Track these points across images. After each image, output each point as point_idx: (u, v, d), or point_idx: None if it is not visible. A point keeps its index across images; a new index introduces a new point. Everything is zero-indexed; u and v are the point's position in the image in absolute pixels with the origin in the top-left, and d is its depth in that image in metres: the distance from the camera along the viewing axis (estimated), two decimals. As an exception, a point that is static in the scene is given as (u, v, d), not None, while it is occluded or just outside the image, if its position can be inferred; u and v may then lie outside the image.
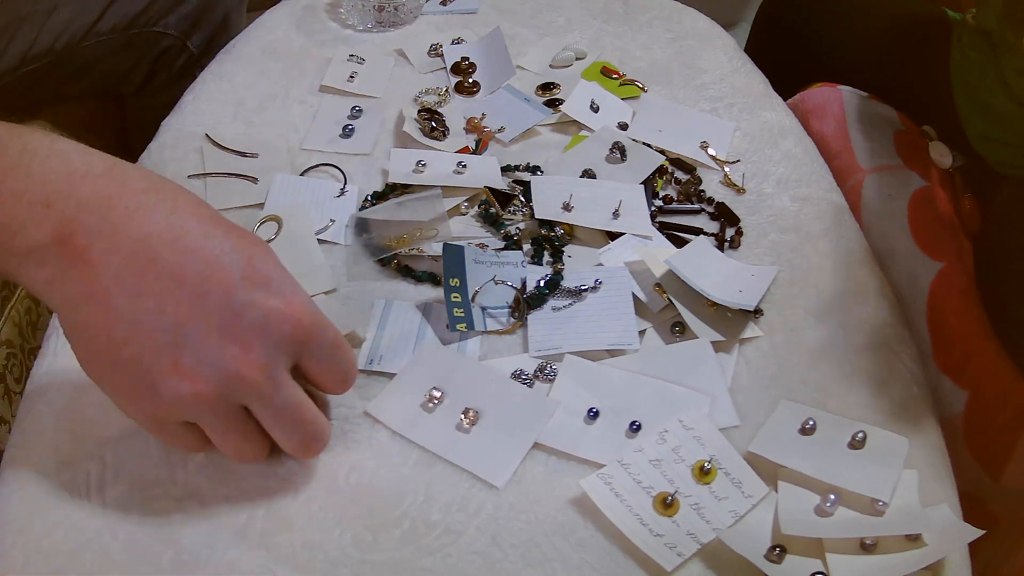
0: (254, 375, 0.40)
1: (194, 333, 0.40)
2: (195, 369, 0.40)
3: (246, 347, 0.40)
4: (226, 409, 0.41)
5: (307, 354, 0.43)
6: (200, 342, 0.40)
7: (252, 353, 0.40)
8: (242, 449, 0.44)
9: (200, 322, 0.40)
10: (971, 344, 0.58)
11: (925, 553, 0.44)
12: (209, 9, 0.93)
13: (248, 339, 0.40)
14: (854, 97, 0.74)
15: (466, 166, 0.65)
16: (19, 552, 0.44)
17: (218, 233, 0.41)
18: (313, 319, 0.42)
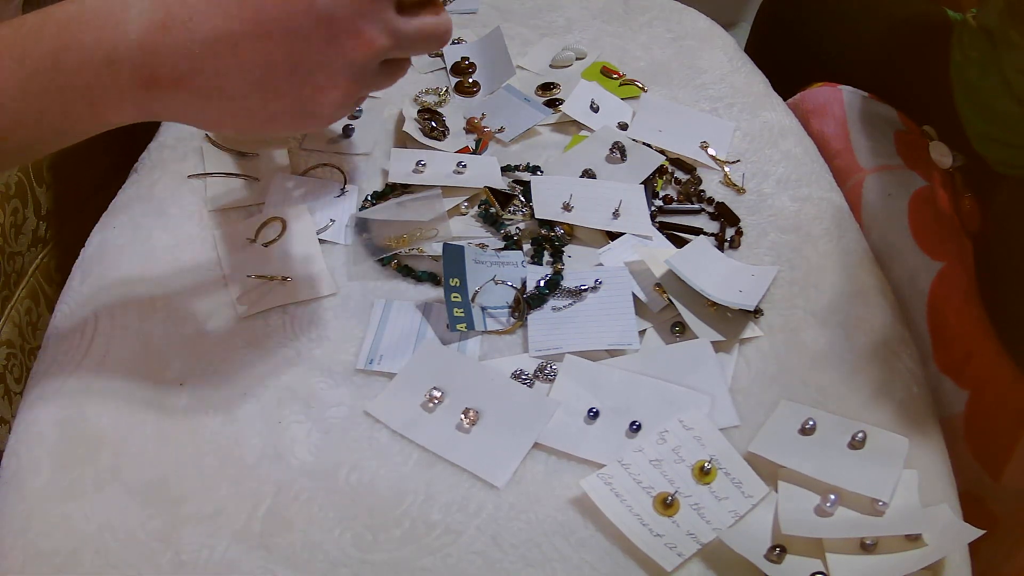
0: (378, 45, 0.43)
1: (310, 60, 0.42)
2: (335, 77, 0.43)
3: (357, 34, 0.43)
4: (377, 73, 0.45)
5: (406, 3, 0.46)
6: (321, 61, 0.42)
7: (365, 34, 0.43)
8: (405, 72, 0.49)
9: (307, 51, 0.42)
10: (971, 344, 0.58)
11: (925, 553, 0.44)
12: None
13: (354, 27, 0.43)
14: (854, 97, 0.74)
15: (466, 166, 0.65)
16: (19, 552, 0.44)
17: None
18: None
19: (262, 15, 0.41)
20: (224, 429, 0.50)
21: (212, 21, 0.41)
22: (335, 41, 0.42)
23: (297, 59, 0.42)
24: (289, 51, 0.42)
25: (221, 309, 0.56)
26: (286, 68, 0.42)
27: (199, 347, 0.54)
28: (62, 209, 0.66)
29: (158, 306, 0.56)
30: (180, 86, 0.41)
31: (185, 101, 0.42)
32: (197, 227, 0.61)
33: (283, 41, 0.41)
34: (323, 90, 0.43)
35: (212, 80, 0.41)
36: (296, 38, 0.42)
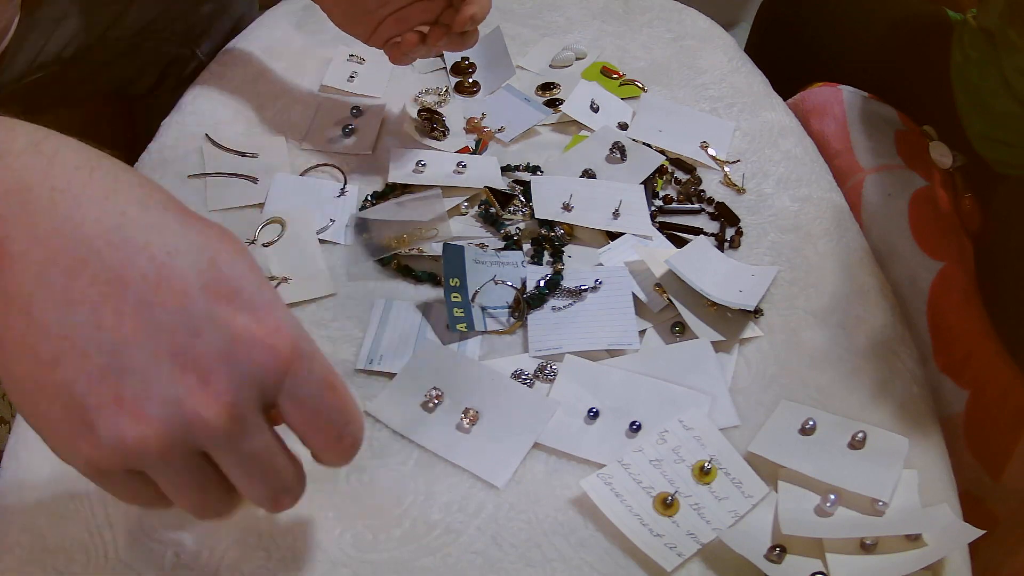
0: (215, 416, 0.31)
1: (139, 356, 0.30)
2: (140, 404, 0.30)
3: (204, 379, 0.31)
4: (181, 457, 0.32)
5: (286, 394, 0.33)
6: (147, 368, 0.30)
7: (212, 387, 0.31)
8: (203, 505, 0.34)
9: (147, 341, 0.30)
10: (971, 344, 0.58)
11: (925, 553, 0.44)
12: (219, 18, 0.93)
13: (208, 368, 0.31)
14: (854, 97, 0.74)
15: (466, 166, 0.65)
16: (19, 552, 0.44)
17: (172, 225, 0.32)
18: (294, 345, 0.33)
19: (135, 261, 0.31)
20: (224, 429, 0.50)
21: (82, 213, 0.31)
22: (178, 363, 0.31)
23: (128, 343, 0.30)
24: (128, 329, 0.30)
25: (221, 309, 0.56)
26: (111, 343, 0.30)
27: (199, 347, 0.53)
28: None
29: (158, 306, 0.56)
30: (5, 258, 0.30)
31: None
32: (197, 227, 0.61)
33: (132, 312, 0.30)
34: (119, 405, 0.30)
35: (29, 285, 0.30)
36: (147, 320, 0.31)
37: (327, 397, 0.34)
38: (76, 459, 0.32)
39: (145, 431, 0.30)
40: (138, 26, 0.87)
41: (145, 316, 0.30)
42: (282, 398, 0.33)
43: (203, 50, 0.92)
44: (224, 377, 0.31)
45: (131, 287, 0.31)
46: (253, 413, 0.32)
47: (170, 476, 0.33)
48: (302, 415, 0.34)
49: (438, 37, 0.62)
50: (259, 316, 0.32)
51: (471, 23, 0.61)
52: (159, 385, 0.30)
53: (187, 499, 0.34)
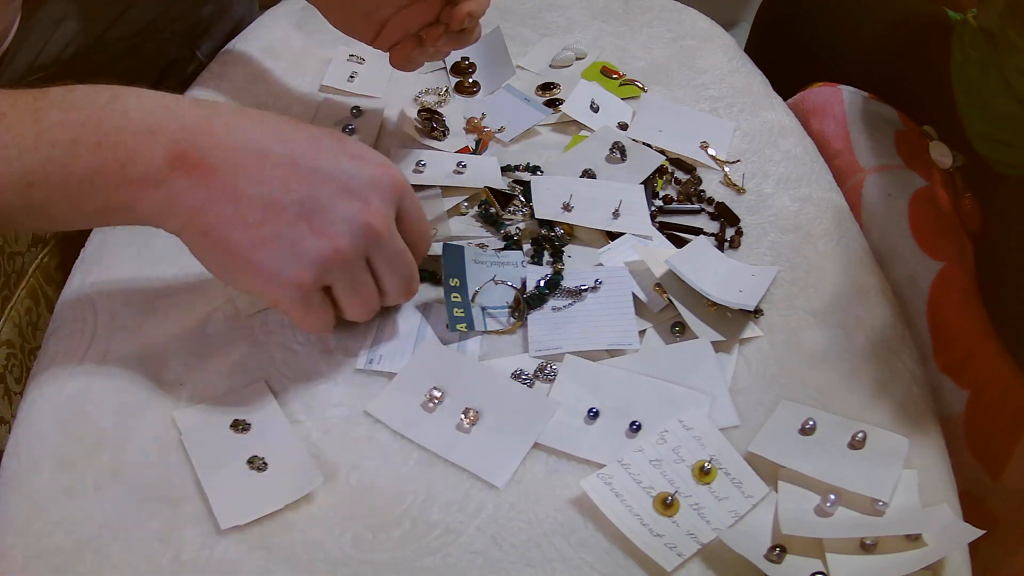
0: (378, 223, 0.46)
1: (321, 199, 0.45)
2: (331, 227, 0.45)
3: (366, 201, 0.46)
4: (358, 262, 0.47)
5: (403, 209, 0.49)
6: (329, 205, 0.45)
7: (372, 205, 0.46)
8: (369, 301, 0.49)
9: (323, 190, 0.45)
10: (971, 344, 0.58)
11: (925, 553, 0.44)
12: (219, 19, 0.93)
13: (366, 195, 0.46)
14: (855, 97, 0.74)
15: (466, 166, 0.65)
16: (19, 552, 0.44)
17: (307, 127, 0.47)
18: (404, 178, 0.49)
19: (296, 148, 0.46)
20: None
21: (253, 133, 0.45)
22: (346, 196, 0.46)
23: (310, 194, 0.45)
24: (307, 185, 0.45)
25: (221, 309, 0.56)
26: (298, 196, 0.45)
27: (199, 347, 0.54)
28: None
29: (158, 306, 0.56)
30: (202, 173, 0.43)
31: (197, 192, 0.44)
32: (197, 227, 0.61)
33: (306, 175, 0.45)
34: (316, 233, 0.45)
35: (231, 178, 0.44)
36: (317, 177, 0.45)
37: (422, 213, 0.51)
38: (287, 288, 0.45)
39: (338, 243, 0.45)
40: (138, 27, 0.87)
41: (316, 176, 0.45)
42: (401, 213, 0.49)
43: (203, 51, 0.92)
44: (376, 198, 0.47)
45: (300, 162, 0.45)
46: (394, 222, 0.48)
47: (351, 281, 0.47)
48: (411, 223, 0.50)
49: (437, 36, 0.62)
50: (382, 164, 0.48)
51: (468, 20, 0.61)
52: (340, 212, 0.45)
53: (359, 300, 0.49)
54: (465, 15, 0.60)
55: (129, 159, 0.43)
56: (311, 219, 0.45)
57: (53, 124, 0.42)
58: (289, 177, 0.45)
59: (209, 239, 0.45)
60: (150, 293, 0.56)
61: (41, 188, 0.43)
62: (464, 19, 0.60)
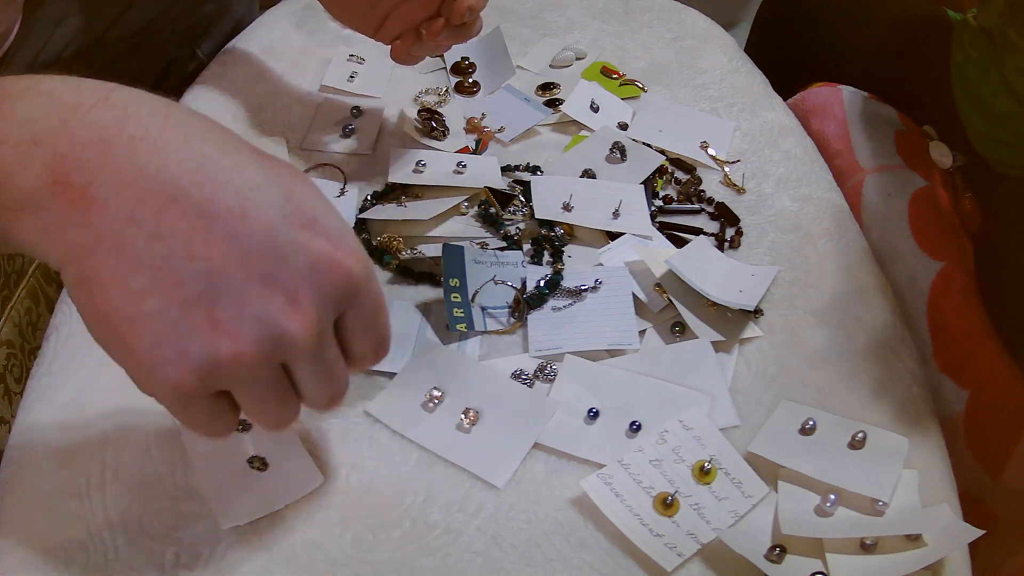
0: (302, 331, 0.34)
1: (232, 281, 0.33)
2: (235, 324, 0.33)
3: (293, 298, 0.34)
4: (267, 370, 0.35)
5: (351, 310, 0.37)
6: (239, 292, 0.33)
7: (300, 305, 0.34)
8: (280, 416, 0.38)
9: (239, 268, 0.33)
10: (971, 344, 0.58)
11: (925, 553, 0.44)
12: (219, 19, 0.93)
13: (295, 288, 0.34)
14: (855, 97, 0.74)
15: (466, 166, 0.65)
16: (19, 552, 0.44)
17: (249, 163, 0.35)
18: (364, 268, 0.36)
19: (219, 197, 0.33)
20: (224, 429, 0.49)
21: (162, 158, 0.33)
22: (269, 284, 0.33)
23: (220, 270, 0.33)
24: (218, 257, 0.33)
25: (221, 309, 0.56)
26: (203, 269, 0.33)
27: (199, 347, 0.53)
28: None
29: (158, 306, 0.56)
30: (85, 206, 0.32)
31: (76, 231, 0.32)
32: (197, 227, 0.61)
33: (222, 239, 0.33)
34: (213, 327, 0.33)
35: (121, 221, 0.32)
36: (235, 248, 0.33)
37: (379, 315, 0.38)
38: (163, 387, 0.34)
39: (240, 348, 0.33)
40: (138, 27, 0.87)
41: (235, 245, 0.33)
42: (347, 314, 0.37)
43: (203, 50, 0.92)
44: (309, 296, 0.34)
45: (219, 219, 0.33)
46: (330, 327, 0.36)
47: (256, 390, 0.36)
48: (359, 328, 0.38)
49: (438, 31, 0.62)
50: (335, 242, 0.35)
51: (469, 13, 0.60)
52: (251, 306, 0.33)
53: (267, 412, 0.37)
54: (465, 9, 0.60)
55: (6, 175, 0.33)
56: (213, 305, 0.33)
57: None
58: (197, 238, 0.32)
59: (84, 292, 0.33)
60: (150, 293, 0.56)
61: None
62: (464, 13, 0.60)
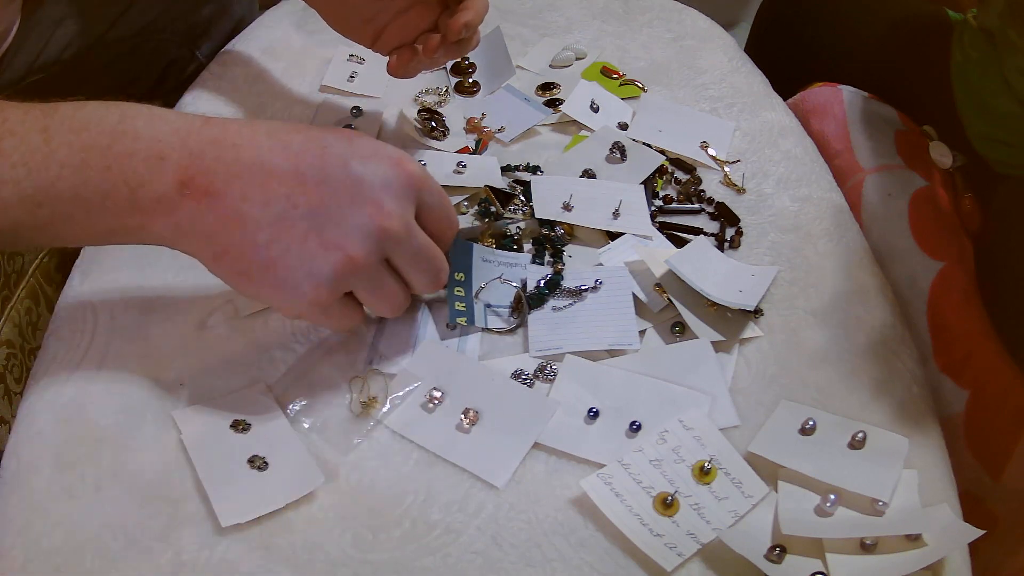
0: (393, 225, 0.45)
1: (330, 209, 0.44)
2: (343, 238, 0.44)
3: (378, 204, 0.45)
4: (376, 265, 0.46)
5: (422, 202, 0.48)
6: (339, 215, 0.44)
7: (385, 207, 0.45)
8: (395, 300, 0.49)
9: (331, 201, 0.44)
10: (971, 344, 0.58)
11: (925, 553, 0.44)
12: (219, 19, 0.93)
13: (377, 198, 0.45)
14: (855, 97, 0.74)
15: (466, 166, 0.65)
16: (19, 552, 0.44)
17: (316, 134, 0.46)
18: (422, 169, 0.48)
19: (301, 161, 0.45)
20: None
21: (257, 150, 0.44)
22: (357, 202, 0.45)
23: (317, 206, 0.44)
24: (314, 198, 0.44)
25: (221, 309, 0.56)
26: (305, 211, 0.44)
27: (199, 347, 0.54)
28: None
29: (158, 306, 0.56)
30: (210, 199, 0.44)
31: (206, 219, 0.44)
32: (197, 227, 0.61)
33: (313, 187, 0.44)
34: (327, 246, 0.44)
35: (238, 202, 0.44)
36: (325, 188, 0.44)
37: (445, 201, 0.50)
38: (305, 305, 0.46)
39: (351, 252, 0.44)
40: (138, 27, 0.87)
41: (323, 187, 0.44)
42: (421, 207, 0.48)
43: (203, 51, 0.92)
44: (390, 199, 0.46)
45: (308, 176, 0.44)
46: (412, 219, 0.47)
47: (372, 285, 0.47)
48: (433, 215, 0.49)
49: (434, 48, 0.62)
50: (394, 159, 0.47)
51: (465, 30, 0.61)
52: (348, 222, 0.44)
53: (385, 298, 0.48)
54: (462, 26, 0.60)
55: (139, 184, 0.43)
56: (322, 232, 0.44)
57: (62, 144, 0.42)
58: (295, 192, 0.44)
59: (223, 263, 0.45)
60: (150, 293, 0.56)
61: (50, 208, 0.43)
62: (461, 30, 0.60)
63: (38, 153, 0.42)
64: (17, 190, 0.42)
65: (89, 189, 0.43)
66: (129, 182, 0.43)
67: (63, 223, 0.44)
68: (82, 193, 0.43)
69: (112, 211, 0.44)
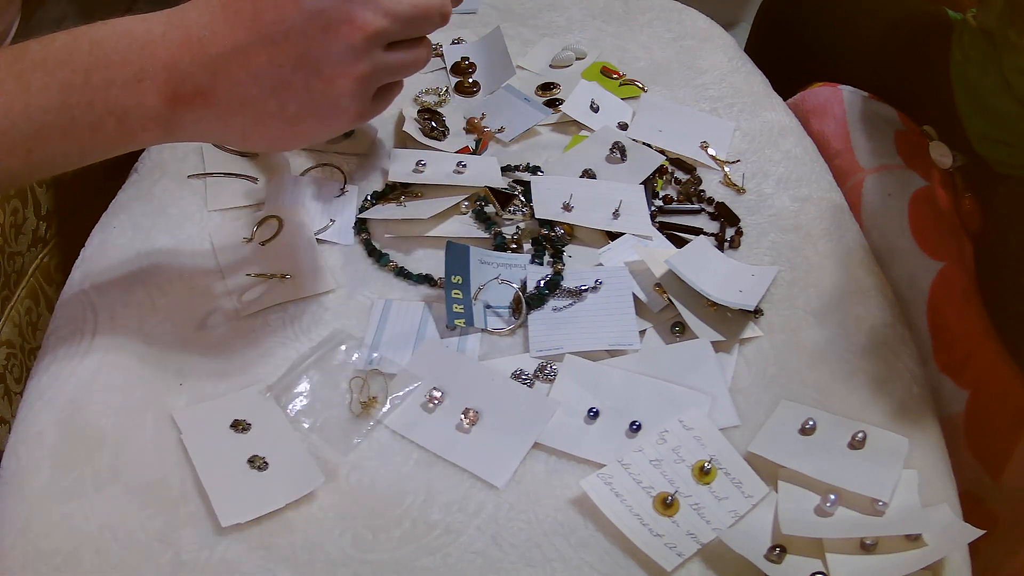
0: (372, 27, 0.46)
1: (312, 52, 0.45)
2: (339, 67, 0.46)
3: (349, 20, 0.45)
4: (382, 60, 0.48)
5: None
6: (322, 53, 0.45)
7: (357, 19, 0.46)
8: (417, 62, 0.51)
9: (307, 44, 0.45)
10: (971, 344, 0.58)
11: (925, 553, 0.44)
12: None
13: (344, 16, 0.45)
14: (855, 97, 0.74)
15: (466, 166, 0.65)
16: (19, 552, 0.44)
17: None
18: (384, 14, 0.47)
19: (260, 22, 0.44)
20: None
21: (223, 36, 0.44)
22: (330, 30, 0.45)
23: (300, 55, 0.45)
24: (291, 49, 0.45)
25: (221, 309, 0.56)
26: (292, 66, 0.45)
27: (199, 347, 0.54)
28: (62, 209, 0.66)
29: (158, 306, 0.56)
30: (202, 101, 0.45)
31: (208, 117, 0.45)
32: (197, 227, 0.61)
33: (284, 42, 0.45)
34: (332, 80, 0.46)
35: (231, 91, 0.45)
36: (294, 36, 0.45)
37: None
38: (349, 124, 0.49)
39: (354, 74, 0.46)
40: None
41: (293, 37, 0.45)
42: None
43: None
44: (355, 7, 0.45)
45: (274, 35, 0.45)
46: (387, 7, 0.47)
47: (390, 72, 0.49)
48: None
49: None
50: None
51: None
52: (334, 53, 0.45)
53: (409, 67, 0.51)
54: None
55: (124, 113, 0.44)
56: (320, 73, 0.45)
57: (40, 89, 0.43)
58: (275, 54, 0.45)
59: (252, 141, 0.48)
60: (150, 293, 0.56)
61: (40, 152, 0.44)
62: None
63: (18, 102, 0.42)
64: (5, 140, 0.42)
65: (77, 127, 0.43)
66: (115, 112, 0.44)
67: (59, 161, 0.45)
68: (71, 132, 0.43)
69: (105, 140, 0.45)
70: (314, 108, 0.47)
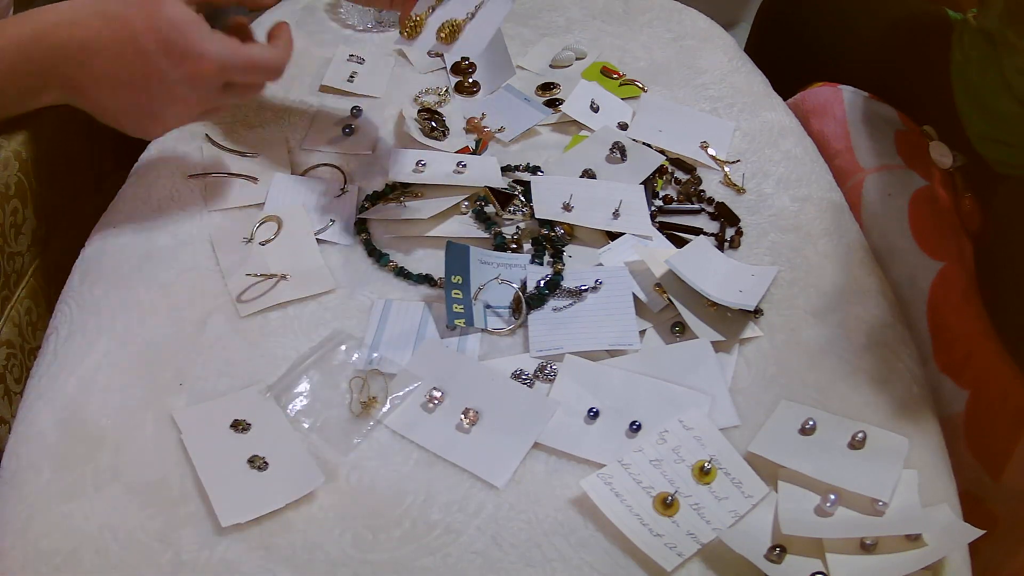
0: (216, 62, 0.54)
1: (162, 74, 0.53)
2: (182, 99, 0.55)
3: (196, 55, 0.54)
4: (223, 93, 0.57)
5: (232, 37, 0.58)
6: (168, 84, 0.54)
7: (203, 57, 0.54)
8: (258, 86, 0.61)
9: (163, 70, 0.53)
10: (971, 344, 0.58)
11: (925, 553, 0.44)
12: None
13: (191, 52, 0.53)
14: (855, 97, 0.74)
15: (466, 166, 0.65)
16: (19, 552, 0.44)
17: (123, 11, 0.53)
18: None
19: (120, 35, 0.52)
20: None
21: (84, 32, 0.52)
22: (178, 63, 0.53)
23: (144, 74, 0.53)
24: (138, 67, 0.52)
25: (221, 309, 0.56)
26: (136, 81, 0.53)
27: (199, 347, 0.54)
28: (62, 209, 0.66)
29: (158, 306, 0.56)
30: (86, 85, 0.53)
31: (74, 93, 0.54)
32: (197, 227, 0.61)
33: (134, 58, 0.52)
34: (167, 104, 0.55)
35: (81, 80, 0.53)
36: (143, 56, 0.52)
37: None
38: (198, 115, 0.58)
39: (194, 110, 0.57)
40: None
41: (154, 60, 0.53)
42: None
43: None
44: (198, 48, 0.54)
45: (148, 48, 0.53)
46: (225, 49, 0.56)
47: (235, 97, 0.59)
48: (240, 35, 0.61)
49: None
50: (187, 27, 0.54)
51: None
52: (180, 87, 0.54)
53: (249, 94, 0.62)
54: None
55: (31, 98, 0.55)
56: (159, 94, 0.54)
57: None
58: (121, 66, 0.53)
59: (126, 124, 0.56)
60: (150, 293, 0.56)
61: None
62: None
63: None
64: None
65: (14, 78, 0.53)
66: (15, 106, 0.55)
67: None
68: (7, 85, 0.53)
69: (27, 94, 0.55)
70: (140, 115, 0.55)
